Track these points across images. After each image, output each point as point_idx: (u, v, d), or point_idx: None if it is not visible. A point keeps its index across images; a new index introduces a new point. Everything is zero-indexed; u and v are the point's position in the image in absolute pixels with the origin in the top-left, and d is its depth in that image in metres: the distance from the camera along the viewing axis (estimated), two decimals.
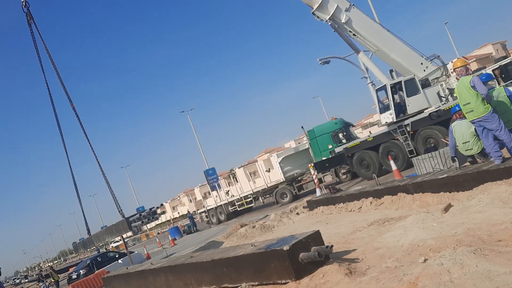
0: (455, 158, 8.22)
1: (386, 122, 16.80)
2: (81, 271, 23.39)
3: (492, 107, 6.98)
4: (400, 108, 16.38)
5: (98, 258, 25.12)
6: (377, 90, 17.64)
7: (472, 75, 7.25)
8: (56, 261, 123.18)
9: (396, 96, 16.43)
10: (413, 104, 16.32)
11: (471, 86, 6.96)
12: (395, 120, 16.29)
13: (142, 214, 13.51)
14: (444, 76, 16.95)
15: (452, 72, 16.26)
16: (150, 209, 14.19)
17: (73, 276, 23.98)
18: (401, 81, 16.44)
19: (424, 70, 16.85)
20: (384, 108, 17.06)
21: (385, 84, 16.70)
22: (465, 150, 8.12)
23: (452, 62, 16.48)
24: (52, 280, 25.65)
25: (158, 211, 14.37)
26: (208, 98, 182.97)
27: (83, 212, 17.17)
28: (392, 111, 16.31)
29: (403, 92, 16.36)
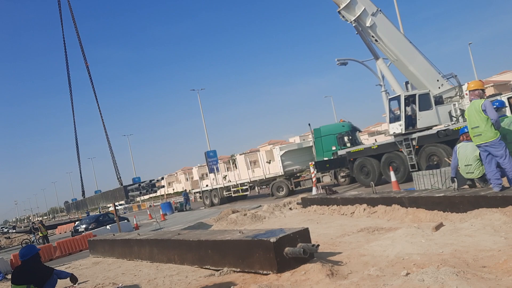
0: (455, 178, 8.20)
1: (394, 133, 16.74)
2: (90, 225, 24.47)
3: (500, 134, 6.94)
4: (410, 121, 16.32)
5: (100, 218, 25.79)
6: (390, 99, 17.54)
7: (484, 99, 7.19)
8: (45, 217, 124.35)
9: (408, 108, 16.36)
10: (423, 119, 16.27)
11: (482, 110, 6.90)
12: (403, 132, 16.23)
13: (141, 185, 13.31)
14: (457, 97, 16.87)
15: (466, 94, 16.18)
16: (150, 181, 13.97)
17: (79, 229, 24.50)
18: (415, 94, 16.37)
19: (439, 88, 16.78)
20: (394, 118, 16.99)
21: (399, 95, 16.63)
22: (466, 173, 8.09)
23: (468, 83, 16.39)
24: (40, 234, 25.86)
25: (157, 184, 14.18)
26: (221, 81, 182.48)
27: (80, 173, 17.03)
28: (402, 122, 16.25)
29: (415, 105, 16.30)
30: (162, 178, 16.01)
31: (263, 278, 5.54)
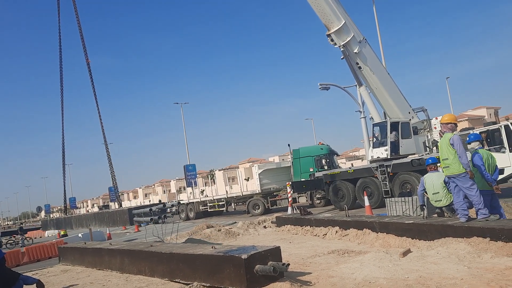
0: (424, 206, 8.46)
1: (378, 157, 17.10)
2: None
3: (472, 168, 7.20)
4: (394, 147, 16.74)
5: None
6: (374, 125, 17.93)
7: (453, 134, 7.49)
8: (17, 222, 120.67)
9: (391, 135, 16.78)
10: (405, 146, 16.77)
11: (450, 144, 7.21)
12: (388, 157, 16.62)
13: (153, 210, 10.51)
14: (425, 130, 17.63)
15: (435, 127, 16.92)
16: (164, 204, 11.30)
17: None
18: (398, 122, 16.87)
19: (410, 120, 17.43)
20: (378, 143, 17.35)
21: (385, 120, 17.09)
22: (435, 201, 8.36)
23: (436, 118, 17.18)
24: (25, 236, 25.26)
25: (172, 209, 11.30)
26: (205, 96, 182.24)
27: (64, 187, 15.90)
28: (387, 147, 16.64)
29: (398, 132, 16.77)
30: (178, 203, 13.17)
31: None
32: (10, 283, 6.16)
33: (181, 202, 29.98)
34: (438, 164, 8.53)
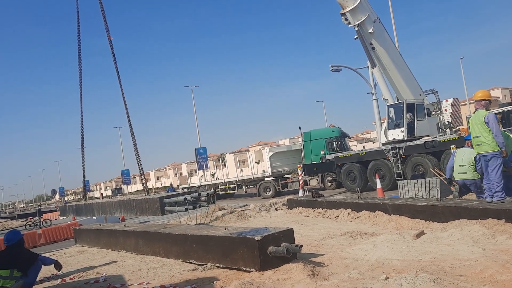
0: (450, 179, 8.48)
1: (394, 139, 17.01)
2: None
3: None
4: (410, 128, 16.63)
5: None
6: (388, 106, 17.77)
7: (489, 111, 7.30)
8: (31, 204, 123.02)
9: (407, 116, 16.64)
10: (420, 128, 16.65)
11: (485, 122, 7.05)
12: (405, 138, 16.52)
13: (188, 199, 9.54)
14: (436, 112, 17.47)
15: (445, 110, 16.79)
16: (199, 194, 10.63)
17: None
18: (414, 103, 16.72)
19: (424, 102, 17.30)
20: (394, 125, 17.23)
21: (402, 101, 16.93)
22: (459, 173, 8.27)
23: (447, 100, 17.04)
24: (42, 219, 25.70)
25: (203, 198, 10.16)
26: (215, 80, 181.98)
27: (83, 168, 15.20)
28: (404, 128, 16.52)
29: (413, 114, 16.63)
30: (215, 192, 12.86)
31: (245, 275, 5.64)
32: (29, 263, 6.30)
33: (192, 185, 30.23)
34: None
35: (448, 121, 17.11)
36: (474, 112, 7.50)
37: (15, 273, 6.06)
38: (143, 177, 12.17)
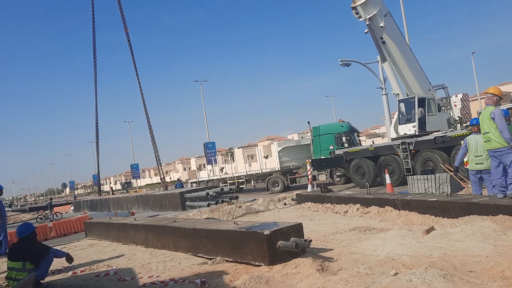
0: (457, 168, 8.46)
1: (405, 134, 16.90)
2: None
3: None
4: (421, 123, 16.51)
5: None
6: (399, 101, 17.64)
7: (495, 107, 7.25)
8: (42, 198, 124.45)
9: (418, 111, 16.53)
10: (431, 123, 16.52)
11: (491, 118, 7.02)
12: (417, 133, 16.42)
13: (210, 194, 8.93)
14: (446, 108, 17.32)
15: (455, 105, 16.65)
16: (221, 189, 9.79)
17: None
18: (425, 98, 16.59)
19: (434, 97, 17.14)
20: (405, 120, 17.12)
21: (413, 96, 16.80)
22: (475, 164, 8.20)
23: (456, 96, 16.88)
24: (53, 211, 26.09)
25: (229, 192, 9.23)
26: (225, 75, 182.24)
27: (98, 162, 14.57)
28: (416, 123, 16.41)
29: (424, 109, 16.51)
30: (238, 186, 12.51)
31: (254, 269, 5.66)
32: (41, 255, 6.39)
33: (201, 179, 30.34)
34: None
35: (458, 116, 16.96)
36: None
37: (28, 265, 6.16)
38: (161, 171, 11.90)
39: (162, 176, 12.03)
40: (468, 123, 17.17)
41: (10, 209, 54.36)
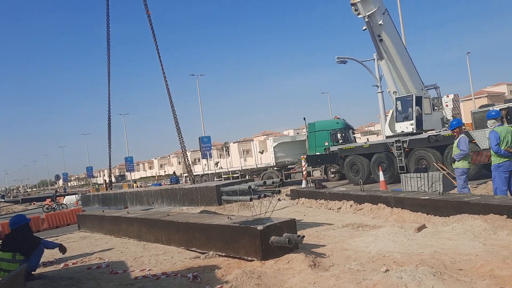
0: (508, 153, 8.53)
1: (402, 131, 16.98)
2: None
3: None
4: (418, 122, 16.59)
5: None
6: (397, 99, 17.67)
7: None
8: (35, 189, 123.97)
9: (415, 109, 16.60)
10: (427, 122, 16.62)
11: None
12: (414, 131, 16.49)
13: (253, 187, 8.12)
14: (438, 108, 17.45)
15: (447, 105, 16.77)
16: (264, 182, 9.02)
17: None
18: (421, 97, 16.67)
19: (430, 96, 17.25)
20: (402, 118, 17.17)
21: (411, 94, 16.85)
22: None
23: (448, 96, 17.01)
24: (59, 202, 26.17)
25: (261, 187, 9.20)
26: (221, 69, 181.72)
27: (110, 154, 13.54)
28: (413, 121, 16.48)
29: (421, 108, 16.59)
30: (281, 179, 12.22)
31: (247, 264, 5.69)
32: (32, 247, 6.38)
33: (196, 173, 30.30)
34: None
35: (452, 116, 17.05)
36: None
37: (18, 256, 6.14)
38: (187, 163, 10.89)
39: (189, 169, 11.19)
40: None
41: (2, 200, 54.08)
